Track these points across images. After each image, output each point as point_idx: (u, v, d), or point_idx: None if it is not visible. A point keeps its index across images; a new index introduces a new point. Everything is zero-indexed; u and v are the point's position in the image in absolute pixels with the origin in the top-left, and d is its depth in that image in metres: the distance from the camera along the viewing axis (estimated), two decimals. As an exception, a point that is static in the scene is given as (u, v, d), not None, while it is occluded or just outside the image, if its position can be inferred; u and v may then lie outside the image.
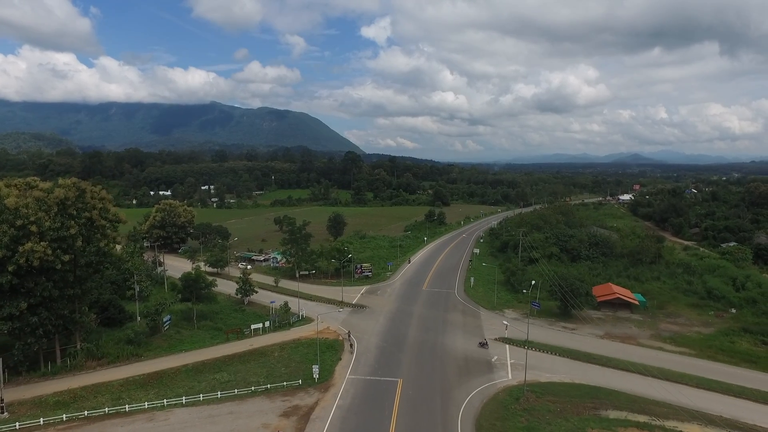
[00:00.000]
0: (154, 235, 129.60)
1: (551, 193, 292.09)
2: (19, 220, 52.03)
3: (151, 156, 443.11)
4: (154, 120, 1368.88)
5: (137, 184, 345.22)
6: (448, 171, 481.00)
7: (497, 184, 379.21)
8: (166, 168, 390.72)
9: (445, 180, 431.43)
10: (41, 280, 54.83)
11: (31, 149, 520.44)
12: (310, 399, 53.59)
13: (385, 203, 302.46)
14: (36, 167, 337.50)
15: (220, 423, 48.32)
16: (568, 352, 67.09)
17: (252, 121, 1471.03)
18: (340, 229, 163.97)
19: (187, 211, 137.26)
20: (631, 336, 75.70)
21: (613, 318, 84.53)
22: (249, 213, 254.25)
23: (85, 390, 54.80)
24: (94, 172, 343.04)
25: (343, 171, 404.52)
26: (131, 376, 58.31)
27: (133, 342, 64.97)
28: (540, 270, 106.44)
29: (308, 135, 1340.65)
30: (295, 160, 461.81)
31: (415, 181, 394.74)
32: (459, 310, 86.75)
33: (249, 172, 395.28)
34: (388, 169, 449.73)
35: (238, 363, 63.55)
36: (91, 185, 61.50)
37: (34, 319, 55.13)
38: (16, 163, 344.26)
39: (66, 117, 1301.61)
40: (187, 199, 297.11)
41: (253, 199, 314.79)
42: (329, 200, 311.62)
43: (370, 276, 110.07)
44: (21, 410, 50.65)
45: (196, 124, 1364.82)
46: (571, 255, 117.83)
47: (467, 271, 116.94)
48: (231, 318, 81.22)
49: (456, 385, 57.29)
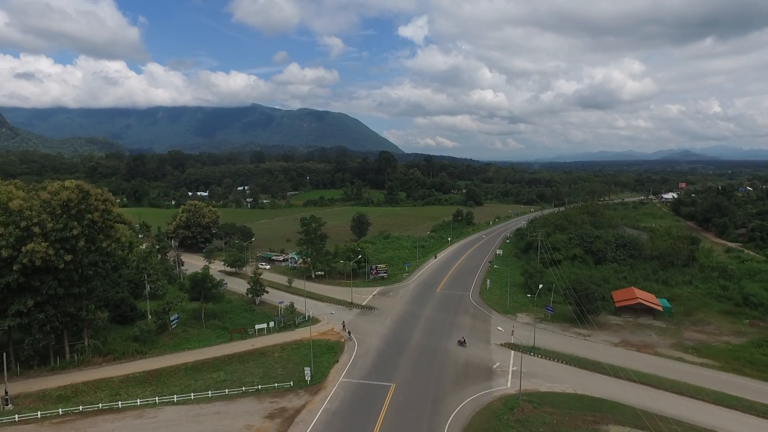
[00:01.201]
0: (180, 235, 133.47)
1: (589, 192, 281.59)
2: (23, 222, 54.36)
3: (192, 158, 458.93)
4: (198, 123, 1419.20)
5: (178, 185, 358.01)
6: (485, 170, 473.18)
7: (534, 184, 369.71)
8: (205, 169, 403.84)
9: (480, 179, 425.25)
10: (47, 279, 57.13)
11: (85, 153, 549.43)
12: (298, 401, 53.28)
13: (417, 203, 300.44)
14: (86, 170, 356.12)
15: (205, 423, 48.73)
16: (576, 360, 63.85)
17: (292, 122, 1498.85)
18: (363, 229, 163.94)
19: (212, 212, 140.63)
20: (650, 344, 71.28)
21: (633, 324, 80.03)
22: (280, 213, 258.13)
23: (86, 385, 56.68)
24: (137, 174, 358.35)
25: (378, 171, 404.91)
26: (132, 373, 59.88)
27: (139, 339, 66.74)
28: (560, 272, 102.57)
29: (347, 135, 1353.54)
30: (331, 161, 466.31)
31: (449, 181, 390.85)
32: (469, 314, 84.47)
33: (284, 172, 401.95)
34: (423, 168, 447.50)
35: (237, 363, 64.14)
36: (96, 188, 63.51)
37: (41, 315, 57.49)
38: (69, 167, 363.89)
39: (117, 121, 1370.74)
40: (222, 200, 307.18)
41: (287, 200, 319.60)
42: (362, 200, 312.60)
43: (386, 277, 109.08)
44: (25, 403, 52.93)
45: (238, 126, 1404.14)
46: (596, 257, 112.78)
47: (487, 273, 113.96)
48: (240, 317, 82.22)
49: (450, 392, 55.53)
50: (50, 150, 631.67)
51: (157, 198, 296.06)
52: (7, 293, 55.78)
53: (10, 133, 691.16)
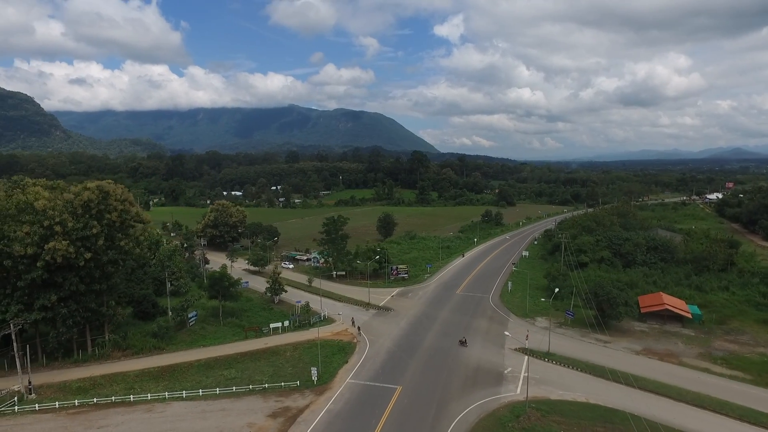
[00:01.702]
0: (208, 234, 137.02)
1: (626, 193, 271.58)
2: (46, 221, 57.01)
3: (228, 158, 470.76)
4: (236, 123, 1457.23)
5: (214, 184, 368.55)
6: (520, 170, 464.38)
7: (570, 184, 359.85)
8: (240, 169, 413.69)
9: (515, 179, 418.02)
10: (69, 276, 59.73)
11: (128, 154, 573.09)
12: (303, 401, 53.63)
13: (449, 203, 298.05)
14: (128, 170, 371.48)
15: (209, 419, 49.75)
16: (592, 368, 61.51)
17: (328, 122, 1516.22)
18: (389, 229, 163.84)
19: (239, 212, 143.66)
20: (674, 353, 67.89)
21: (659, 332, 76.48)
22: (311, 213, 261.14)
23: (104, 378, 58.96)
24: (176, 174, 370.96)
25: (410, 171, 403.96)
26: (147, 367, 61.83)
27: (157, 335, 68.84)
28: (584, 276, 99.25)
29: (383, 135, 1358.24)
30: (364, 161, 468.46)
31: (483, 181, 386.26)
32: (487, 317, 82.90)
33: (317, 172, 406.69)
34: (456, 168, 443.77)
35: (249, 360, 65.19)
36: (117, 188, 65.73)
37: (63, 310, 60.18)
38: (112, 167, 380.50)
39: (160, 123, 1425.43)
40: (256, 199, 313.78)
41: (319, 200, 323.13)
42: (393, 200, 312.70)
43: (407, 278, 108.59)
44: (46, 393, 55.56)
45: (275, 126, 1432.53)
46: (625, 260, 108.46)
47: (510, 275, 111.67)
48: (257, 316, 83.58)
49: (457, 396, 54.58)
50: (98, 151, 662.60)
51: (193, 197, 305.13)
52: (32, 289, 58.63)
53: (63, 136, 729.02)
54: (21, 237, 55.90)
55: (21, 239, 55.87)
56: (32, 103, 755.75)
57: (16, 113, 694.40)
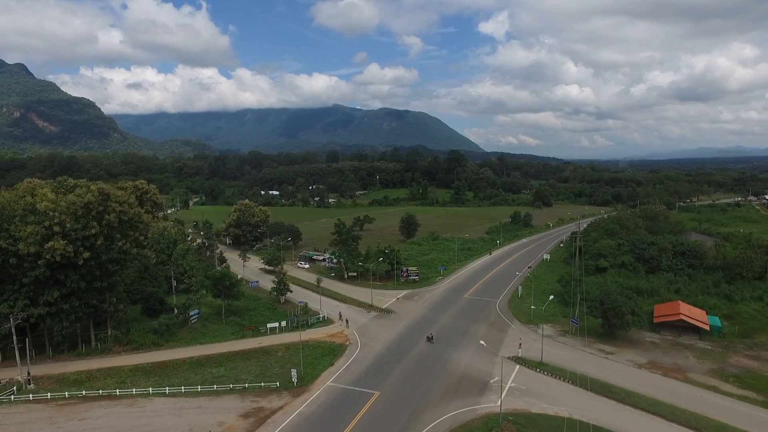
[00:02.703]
0: (231, 234, 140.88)
1: (673, 193, 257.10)
2: (47, 222, 60.31)
3: (269, 158, 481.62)
4: (282, 124, 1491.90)
5: (254, 183, 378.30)
6: (562, 169, 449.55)
7: (614, 183, 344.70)
8: (280, 169, 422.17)
9: (556, 179, 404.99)
10: (71, 274, 62.95)
11: (176, 154, 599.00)
12: (278, 402, 54.09)
13: (483, 203, 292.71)
14: (174, 170, 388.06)
15: (184, 416, 51.10)
16: (584, 381, 58.46)
17: (372, 121, 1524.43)
18: (412, 230, 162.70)
19: (262, 211, 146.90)
20: (681, 368, 63.54)
21: (671, 344, 71.85)
22: (343, 212, 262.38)
23: (100, 372, 61.78)
24: (218, 174, 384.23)
25: (448, 170, 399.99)
26: (142, 363, 64.25)
27: (157, 332, 71.36)
28: (601, 281, 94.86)
29: (427, 134, 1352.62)
30: (402, 160, 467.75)
31: (522, 180, 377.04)
32: (488, 323, 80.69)
33: (355, 172, 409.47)
34: (496, 168, 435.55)
35: (239, 359, 66.46)
36: (119, 190, 68.67)
37: (66, 306, 63.58)
38: (160, 167, 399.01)
39: (209, 124, 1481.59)
40: (291, 198, 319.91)
41: (353, 199, 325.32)
42: (427, 200, 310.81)
43: (418, 280, 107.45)
44: (45, 384, 58.85)
45: (320, 126, 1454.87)
46: (648, 265, 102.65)
47: (525, 279, 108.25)
48: (260, 315, 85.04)
49: (434, 405, 53.40)
50: (151, 151, 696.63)
51: (232, 196, 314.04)
52: (37, 285, 62.22)
53: (120, 138, 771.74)
54: (25, 236, 59.39)
55: (25, 239, 59.38)
56: (94, 107, 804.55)
57: (79, 117, 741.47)
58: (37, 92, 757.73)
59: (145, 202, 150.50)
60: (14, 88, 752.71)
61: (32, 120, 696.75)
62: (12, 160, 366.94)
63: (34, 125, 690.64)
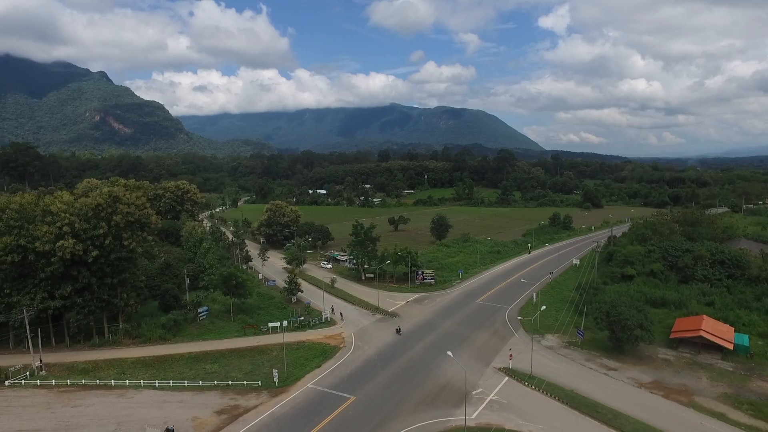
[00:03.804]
0: (263, 233, 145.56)
1: (741, 194, 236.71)
2: (59, 222, 65.35)
3: (321, 157, 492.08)
4: (340, 123, 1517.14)
5: (305, 183, 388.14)
6: (621, 168, 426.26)
7: (676, 183, 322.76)
8: (330, 168, 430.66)
9: (612, 178, 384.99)
10: (83, 270, 67.87)
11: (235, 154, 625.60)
12: (255, 401, 55.53)
13: (530, 204, 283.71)
14: (229, 169, 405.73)
15: (165, 409, 53.70)
16: (572, 398, 55.48)
17: (429, 120, 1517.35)
18: (442, 231, 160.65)
19: (293, 211, 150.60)
20: (689, 390, 58.62)
21: (687, 362, 66.47)
22: (385, 212, 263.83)
23: (105, 362, 66.12)
24: (271, 173, 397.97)
25: (497, 169, 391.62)
26: (145, 356, 68.12)
27: (165, 327, 75.31)
28: (624, 289, 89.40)
29: (484, 133, 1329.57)
30: (452, 159, 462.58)
31: (574, 180, 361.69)
32: (491, 330, 78.32)
33: (403, 171, 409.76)
34: (550, 167, 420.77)
35: (235, 357, 68.79)
36: (130, 193, 73.04)
37: (79, 299, 68.66)
38: (216, 166, 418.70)
39: (269, 124, 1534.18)
40: (337, 198, 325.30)
41: (398, 199, 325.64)
42: (472, 200, 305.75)
43: (433, 283, 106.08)
44: (55, 371, 63.80)
45: (377, 125, 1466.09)
46: (682, 274, 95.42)
47: (546, 285, 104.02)
48: (268, 314, 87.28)
49: (406, 413, 52.74)
50: (214, 151, 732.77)
51: (280, 195, 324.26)
52: (54, 280, 67.58)
53: (186, 138, 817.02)
54: (41, 235, 64.72)
55: (41, 237, 64.71)
56: (163, 109, 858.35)
57: (150, 119, 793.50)
58: (115, 97, 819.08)
59: (185, 201, 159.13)
60: (96, 94, 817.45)
61: (110, 123, 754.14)
62: (88, 160, 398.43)
63: (111, 128, 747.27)
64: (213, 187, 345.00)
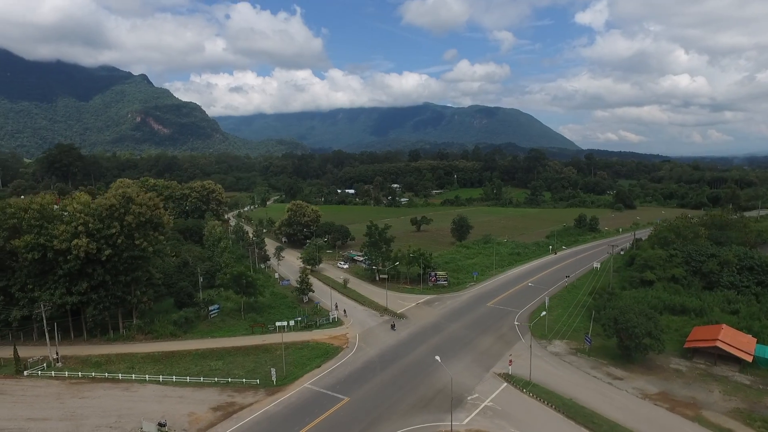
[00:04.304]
0: (283, 232, 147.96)
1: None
2: (74, 222, 68.51)
3: (351, 157, 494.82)
4: (373, 122, 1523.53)
5: (334, 182, 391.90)
6: (658, 167, 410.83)
7: (718, 184, 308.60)
8: (360, 168, 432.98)
9: (649, 178, 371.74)
10: (97, 268, 70.94)
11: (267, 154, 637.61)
12: (251, 399, 56.68)
13: (559, 205, 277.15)
14: (260, 169, 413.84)
15: (165, 403, 55.54)
16: (569, 408, 54.00)
17: (462, 119, 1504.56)
18: (463, 232, 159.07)
19: (313, 211, 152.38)
20: (697, 404, 56.04)
21: (700, 374, 63.59)
22: (410, 212, 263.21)
23: (117, 356, 68.94)
24: (301, 172, 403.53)
25: (527, 169, 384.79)
26: (155, 351, 70.56)
27: (176, 323, 77.78)
28: (641, 295, 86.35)
29: (519, 132, 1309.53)
30: (482, 159, 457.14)
31: (606, 181, 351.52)
32: (497, 335, 77.10)
33: (432, 171, 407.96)
34: (583, 166, 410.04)
35: (239, 355, 70.35)
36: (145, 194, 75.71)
37: (94, 296, 71.80)
38: (249, 166, 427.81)
39: (303, 124, 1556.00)
40: (364, 197, 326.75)
41: (426, 198, 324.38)
42: (500, 200, 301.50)
43: (446, 285, 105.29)
44: (69, 363, 67.02)
45: (410, 124, 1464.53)
46: (707, 280, 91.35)
47: (562, 289, 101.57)
48: (279, 313, 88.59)
49: (397, 417, 52.69)
50: (249, 150, 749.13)
51: (309, 195, 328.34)
52: (71, 277, 70.91)
53: (222, 138, 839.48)
54: (58, 234, 68.03)
55: (58, 236, 68.02)
56: (200, 110, 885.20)
57: (187, 120, 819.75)
58: (154, 99, 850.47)
59: (210, 201, 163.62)
60: (137, 96, 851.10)
61: (150, 124, 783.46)
62: (127, 160, 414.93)
63: (151, 128, 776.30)
64: (245, 186, 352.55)
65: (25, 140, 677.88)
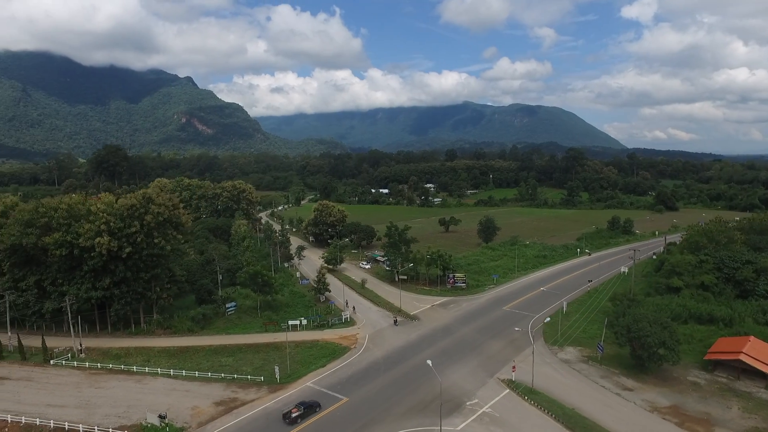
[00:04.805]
0: (310, 232, 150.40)
1: None
2: (97, 221, 72.32)
3: (387, 156, 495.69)
4: (412, 122, 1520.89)
5: (369, 182, 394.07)
6: (707, 167, 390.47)
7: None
8: (395, 167, 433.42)
9: (696, 178, 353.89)
10: (119, 265, 74.63)
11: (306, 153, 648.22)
12: (253, 395, 58.22)
13: (596, 206, 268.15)
14: (298, 168, 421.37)
15: (172, 396, 57.88)
16: (569, 417, 52.48)
17: (503, 118, 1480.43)
18: (490, 234, 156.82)
19: (339, 211, 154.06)
20: (711, 420, 53.15)
21: (719, 388, 60.34)
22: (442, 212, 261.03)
23: (136, 350, 72.30)
24: (337, 172, 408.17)
25: (565, 169, 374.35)
26: (171, 346, 73.53)
27: (194, 320, 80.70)
28: (665, 303, 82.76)
29: (561, 130, 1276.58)
30: (519, 159, 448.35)
31: (649, 181, 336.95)
32: (508, 339, 75.73)
33: (468, 170, 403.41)
34: (625, 166, 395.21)
35: (250, 352, 72.20)
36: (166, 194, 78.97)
37: (116, 291, 75.60)
38: (285, 166, 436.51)
39: (343, 123, 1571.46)
40: (397, 197, 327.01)
41: (459, 199, 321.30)
42: (535, 201, 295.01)
43: (465, 287, 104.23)
44: (91, 354, 70.82)
45: (450, 123, 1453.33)
46: (741, 288, 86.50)
47: (584, 294, 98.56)
48: (294, 312, 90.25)
49: (392, 419, 52.84)
50: (290, 150, 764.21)
51: (344, 194, 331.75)
52: (95, 273, 74.93)
53: (263, 138, 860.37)
54: (83, 233, 72.04)
55: (83, 234, 72.03)
56: (242, 111, 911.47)
57: (230, 120, 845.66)
58: (199, 100, 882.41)
59: (241, 200, 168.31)
60: (183, 98, 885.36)
61: (194, 124, 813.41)
62: (171, 160, 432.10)
63: (195, 129, 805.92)
64: (282, 185, 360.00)
65: (81, 141, 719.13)
